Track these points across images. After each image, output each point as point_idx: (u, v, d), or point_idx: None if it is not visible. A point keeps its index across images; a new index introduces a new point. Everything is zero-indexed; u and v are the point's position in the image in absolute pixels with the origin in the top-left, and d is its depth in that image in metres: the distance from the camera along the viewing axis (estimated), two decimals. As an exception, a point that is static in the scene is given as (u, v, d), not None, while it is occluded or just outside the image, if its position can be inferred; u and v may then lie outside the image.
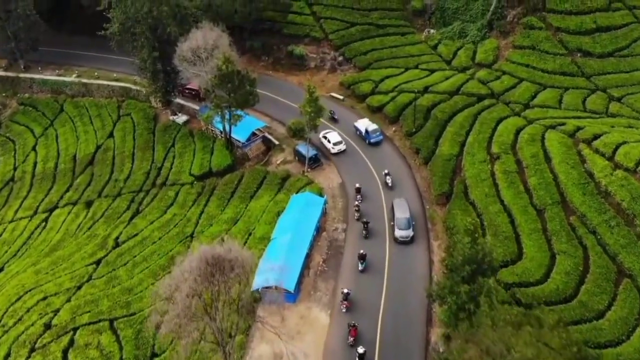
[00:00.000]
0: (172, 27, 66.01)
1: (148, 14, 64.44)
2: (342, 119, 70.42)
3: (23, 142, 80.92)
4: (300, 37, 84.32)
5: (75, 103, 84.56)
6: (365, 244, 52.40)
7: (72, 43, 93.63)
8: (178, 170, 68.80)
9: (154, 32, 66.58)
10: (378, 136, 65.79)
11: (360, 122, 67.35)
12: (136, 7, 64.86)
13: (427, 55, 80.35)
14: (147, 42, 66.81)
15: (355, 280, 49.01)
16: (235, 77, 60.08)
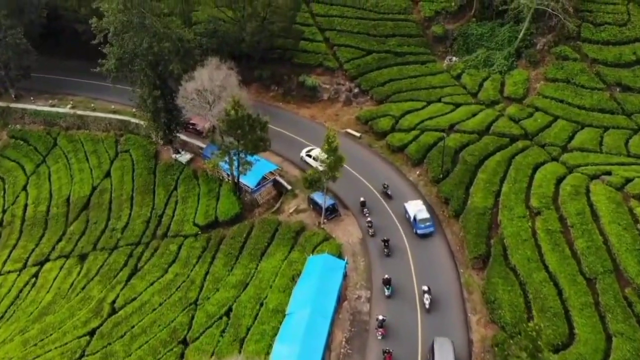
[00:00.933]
0: (175, 64, 59.86)
1: (148, 50, 58.31)
2: (360, 163, 64.02)
3: (13, 181, 74.79)
4: (312, 67, 78.16)
5: (70, 137, 78.46)
6: (389, 306, 46.79)
7: (67, 68, 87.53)
8: (181, 218, 62.68)
9: (154, 69, 60.50)
10: (428, 227, 54.04)
11: (410, 205, 55.79)
12: (135, 43, 58.75)
13: (451, 86, 74.17)
14: (147, 79, 60.74)
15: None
16: (246, 122, 53.95)
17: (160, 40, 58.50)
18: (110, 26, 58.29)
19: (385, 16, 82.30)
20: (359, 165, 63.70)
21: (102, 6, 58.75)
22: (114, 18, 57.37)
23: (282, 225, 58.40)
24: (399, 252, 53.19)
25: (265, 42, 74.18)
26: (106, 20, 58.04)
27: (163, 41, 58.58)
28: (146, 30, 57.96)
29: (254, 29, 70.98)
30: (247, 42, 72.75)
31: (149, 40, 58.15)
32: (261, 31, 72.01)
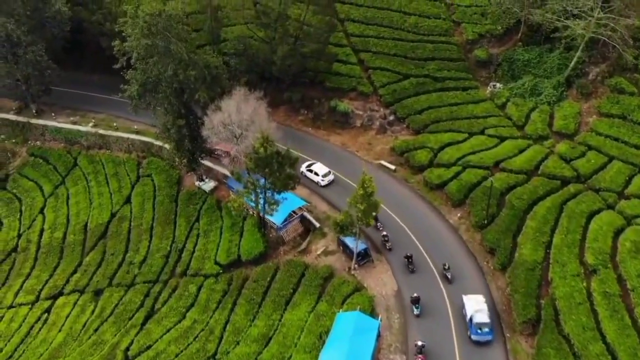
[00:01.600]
0: (201, 92, 55.93)
1: (173, 77, 54.47)
2: (394, 201, 59.21)
3: (30, 202, 71.82)
4: (345, 91, 73.56)
5: (91, 157, 75.27)
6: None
7: (90, 83, 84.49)
8: (202, 255, 58.79)
9: (179, 97, 56.68)
10: (486, 334, 44.73)
11: (469, 300, 46.74)
12: (159, 69, 54.96)
13: (494, 117, 68.89)
14: (171, 107, 57.00)
15: None
16: (275, 160, 49.71)
17: (186, 67, 54.59)
18: (133, 51, 54.57)
19: (424, 38, 77.31)
20: (393, 203, 58.96)
21: (124, 30, 55.14)
22: (137, 43, 53.66)
23: (309, 269, 54.08)
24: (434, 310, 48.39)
25: (296, 67, 69.78)
26: (129, 44, 54.39)
27: (189, 68, 54.64)
28: (171, 56, 54.13)
29: (285, 52, 66.71)
30: (278, 65, 68.50)
31: (174, 67, 54.30)
32: (293, 55, 67.71)
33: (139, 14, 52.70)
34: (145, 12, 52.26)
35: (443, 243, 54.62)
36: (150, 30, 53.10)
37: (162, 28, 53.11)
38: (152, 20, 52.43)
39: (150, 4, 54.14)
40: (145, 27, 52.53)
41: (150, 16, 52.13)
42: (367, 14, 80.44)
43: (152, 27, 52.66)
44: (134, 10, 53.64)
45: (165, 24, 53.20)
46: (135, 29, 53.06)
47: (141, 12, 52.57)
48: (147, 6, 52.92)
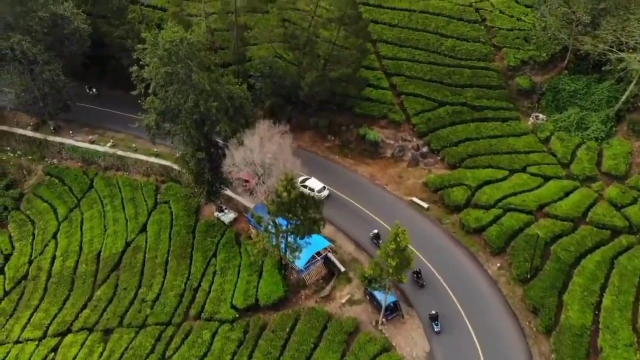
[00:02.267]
0: (223, 125, 52.10)
1: (193, 109, 50.74)
2: (426, 244, 54.67)
3: (44, 226, 68.89)
4: (375, 118, 69.26)
5: (108, 179, 72.07)
6: None
7: (111, 99, 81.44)
8: (217, 296, 55.03)
9: (199, 129, 52.95)
10: None
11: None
12: (178, 99, 51.29)
13: (537, 152, 63.90)
14: (191, 139, 53.29)
15: None
16: (299, 204, 45.62)
17: (208, 97, 50.82)
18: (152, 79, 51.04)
19: (462, 62, 72.50)
20: (425, 246, 54.60)
21: (143, 59, 51.64)
22: (156, 72, 50.07)
23: (333, 320, 49.94)
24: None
25: (324, 93, 65.62)
26: (148, 71, 50.82)
27: (210, 99, 50.88)
28: (192, 85, 50.42)
29: (314, 79, 62.68)
30: (305, 91, 64.45)
31: (195, 97, 50.57)
32: (321, 82, 63.57)
33: (159, 41, 49.05)
34: (166, 39, 48.61)
35: (480, 297, 49.96)
36: (170, 59, 49.44)
37: (184, 56, 49.40)
38: (173, 48, 48.76)
39: (171, 29, 50.44)
40: (166, 56, 48.86)
41: (171, 44, 48.44)
42: (401, 35, 75.94)
43: (173, 55, 48.97)
44: (153, 38, 49.99)
45: (187, 52, 49.50)
46: (154, 57, 49.42)
47: (161, 39, 48.95)
48: (168, 32, 49.24)
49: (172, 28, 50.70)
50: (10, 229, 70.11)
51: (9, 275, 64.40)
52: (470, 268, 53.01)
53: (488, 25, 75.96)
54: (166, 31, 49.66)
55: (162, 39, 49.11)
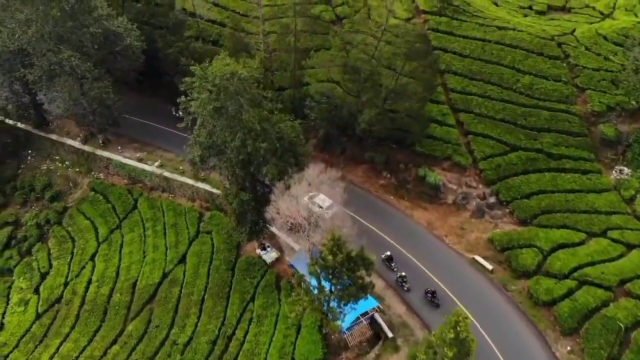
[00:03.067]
0: (270, 167, 47.68)
1: (240, 148, 46.58)
2: (487, 313, 48.61)
3: (83, 245, 66.74)
4: (437, 159, 63.52)
5: (152, 201, 69.30)
6: None
7: (164, 114, 78.67)
8: (251, 348, 50.94)
9: (245, 168, 48.77)
10: None
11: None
12: (225, 136, 47.25)
13: (620, 214, 56.61)
14: (235, 179, 49.25)
15: None
16: (344, 268, 40.64)
17: (256, 137, 46.55)
18: (199, 114, 47.25)
19: (539, 103, 65.64)
20: (485, 314, 48.52)
21: (191, 94, 47.94)
22: (202, 109, 46.19)
23: (376, 395, 44.67)
24: None
25: (383, 132, 60.32)
26: (195, 105, 47.00)
27: (259, 139, 46.59)
28: (241, 124, 46.26)
29: (372, 117, 57.44)
30: (362, 127, 59.38)
31: (243, 136, 46.40)
32: (381, 120, 58.30)
33: (208, 75, 45.08)
34: (216, 73, 44.59)
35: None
36: (219, 95, 45.41)
37: (234, 92, 45.25)
38: (223, 83, 44.69)
39: (222, 61, 46.38)
40: (215, 91, 44.86)
41: (221, 79, 44.40)
42: (472, 67, 69.62)
43: (222, 91, 44.91)
44: (202, 71, 46.13)
45: (238, 87, 45.29)
46: (202, 93, 45.51)
47: (211, 73, 44.97)
48: (219, 65, 45.21)
49: (223, 60, 46.71)
50: (50, 244, 68.50)
51: (44, 296, 62.52)
52: (535, 348, 46.70)
53: (571, 62, 68.65)
54: (217, 64, 45.69)
55: (211, 73, 45.14)
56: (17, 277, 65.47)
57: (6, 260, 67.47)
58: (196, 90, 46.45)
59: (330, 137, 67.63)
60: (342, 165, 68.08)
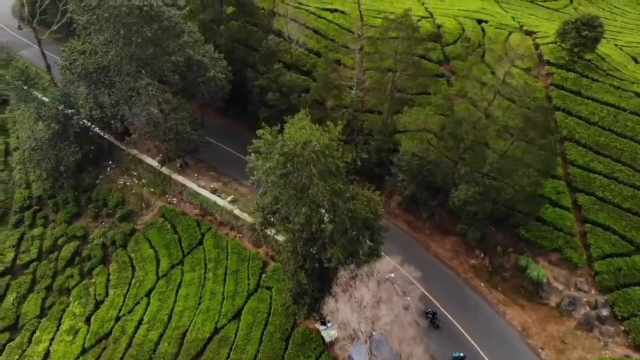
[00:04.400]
0: (336, 251, 40.62)
1: (304, 225, 39.94)
2: None
3: (142, 277, 63.46)
4: (544, 248, 53.43)
5: (218, 239, 64.77)
6: None
7: (245, 141, 73.83)
8: None
9: (307, 244, 42.18)
10: None
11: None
12: (289, 208, 40.77)
13: None
14: (294, 256, 42.87)
15: None
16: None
17: (324, 215, 39.62)
18: (264, 181, 41.18)
19: (682, 197, 53.60)
20: None
21: (252, 160, 42.00)
22: (268, 174, 40.00)
23: None
24: None
25: (481, 212, 51.30)
26: (261, 171, 40.94)
27: (327, 217, 39.62)
28: (308, 198, 39.55)
29: (469, 196, 48.58)
30: (456, 204, 50.74)
31: (308, 212, 39.72)
32: (479, 202, 49.32)
33: (278, 143, 38.74)
34: (287, 140, 38.14)
35: None
36: (286, 164, 39.00)
37: (305, 162, 38.62)
38: (294, 152, 38.22)
39: (297, 124, 39.85)
40: (282, 161, 38.48)
41: (292, 148, 37.92)
42: (599, 138, 58.53)
43: (290, 161, 38.46)
44: (272, 137, 39.89)
45: (309, 158, 38.60)
46: (268, 162, 39.26)
47: (282, 140, 38.60)
48: (292, 131, 38.69)
49: (298, 122, 40.13)
50: (111, 269, 65.93)
51: (93, 328, 59.67)
52: None
53: None
54: (291, 128, 39.20)
55: (281, 141, 38.74)
56: (72, 300, 63.35)
57: (66, 279, 65.66)
58: (263, 157, 40.31)
59: (417, 198, 59.59)
60: (427, 231, 59.98)
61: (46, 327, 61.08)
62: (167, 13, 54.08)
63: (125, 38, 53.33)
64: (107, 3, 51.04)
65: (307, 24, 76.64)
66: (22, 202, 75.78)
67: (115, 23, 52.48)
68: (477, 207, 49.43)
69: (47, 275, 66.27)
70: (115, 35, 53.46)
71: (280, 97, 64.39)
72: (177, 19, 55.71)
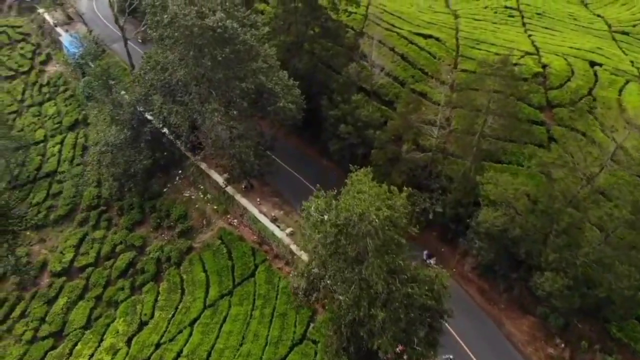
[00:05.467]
0: (385, 342, 35.07)
1: (352, 308, 34.68)
2: None
3: (189, 304, 60.93)
4: (637, 354, 44.62)
5: (271, 274, 61.15)
6: None
7: (315, 168, 70.52)
8: None
9: (352, 327, 36.82)
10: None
11: None
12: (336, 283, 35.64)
13: None
14: (338, 334, 37.50)
15: None
16: None
17: (375, 299, 34.15)
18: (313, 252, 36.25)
19: None
20: None
21: (307, 237, 37.13)
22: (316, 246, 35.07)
23: None
24: None
25: (571, 307, 43.54)
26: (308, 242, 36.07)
27: (378, 303, 34.11)
28: (359, 275, 34.25)
29: (556, 289, 41.11)
30: (539, 294, 43.34)
31: (357, 293, 34.52)
32: (568, 296, 41.63)
33: (331, 212, 33.63)
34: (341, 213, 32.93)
35: None
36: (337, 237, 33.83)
37: (360, 236, 33.28)
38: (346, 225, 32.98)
39: (359, 183, 34.58)
40: (333, 234, 33.35)
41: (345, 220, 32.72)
42: None
43: (343, 236, 33.23)
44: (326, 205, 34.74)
45: (366, 231, 33.21)
46: (318, 231, 34.27)
47: (335, 209, 33.44)
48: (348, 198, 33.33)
49: (357, 183, 34.78)
50: (161, 288, 63.94)
51: (132, 352, 57.67)
52: None
53: None
54: (345, 196, 33.94)
55: (335, 209, 33.60)
56: (119, 316, 61.86)
57: (117, 291, 64.36)
58: (310, 228, 35.37)
59: (494, 266, 52.50)
60: (503, 305, 52.74)
61: (89, 340, 59.94)
62: (242, 36, 50.22)
63: (195, 59, 50.20)
64: (178, 22, 47.95)
65: (396, 49, 70.69)
66: (90, 200, 75.83)
67: (185, 43, 49.41)
68: (563, 301, 41.79)
69: (99, 283, 65.35)
70: (185, 55, 50.44)
71: (353, 131, 59.27)
72: (252, 41, 51.79)
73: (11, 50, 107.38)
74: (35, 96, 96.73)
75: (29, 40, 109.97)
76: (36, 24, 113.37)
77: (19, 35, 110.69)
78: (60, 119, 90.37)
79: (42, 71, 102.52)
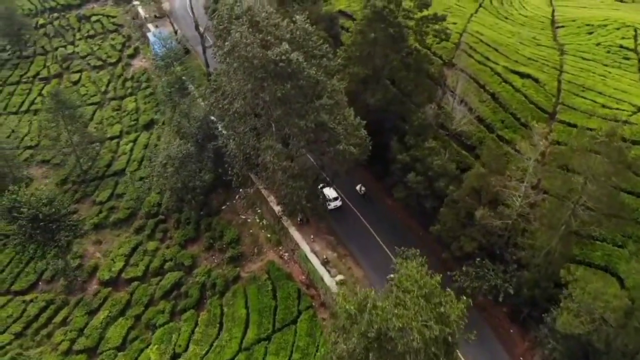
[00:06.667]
0: None
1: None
2: None
3: (225, 342, 56.96)
4: None
5: (314, 323, 56.12)
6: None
7: (378, 207, 64.45)
8: None
9: None
10: None
11: None
12: None
13: None
14: None
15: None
16: None
17: None
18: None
19: None
20: None
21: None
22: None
23: None
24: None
25: None
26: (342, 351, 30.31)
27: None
28: None
29: None
30: None
31: None
32: None
33: (363, 318, 27.68)
34: (374, 320, 26.99)
35: None
36: (372, 344, 27.89)
37: (397, 355, 27.23)
38: (378, 337, 27.00)
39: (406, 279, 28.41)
40: (362, 345, 27.50)
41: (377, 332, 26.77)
42: None
43: (374, 351, 27.29)
44: (356, 308, 28.81)
45: (407, 349, 27.10)
46: (346, 341, 28.48)
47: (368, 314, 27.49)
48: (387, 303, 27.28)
49: (405, 279, 28.59)
50: (200, 318, 60.48)
51: (160, 386, 54.90)
52: None
53: None
54: (389, 295, 27.93)
55: (367, 315, 27.68)
56: (154, 342, 59.16)
57: (157, 313, 61.70)
58: (334, 332, 29.65)
59: None
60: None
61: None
62: (308, 70, 44.93)
63: (253, 92, 45.64)
64: (239, 52, 43.47)
65: (487, 87, 62.59)
66: (150, 207, 74.31)
67: (245, 74, 44.94)
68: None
69: (142, 301, 63.12)
70: (244, 86, 46.04)
71: (422, 181, 52.52)
72: (319, 76, 46.40)
73: (102, 40, 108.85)
74: (118, 89, 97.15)
75: (121, 31, 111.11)
76: (130, 15, 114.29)
77: (112, 26, 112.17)
78: (138, 117, 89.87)
79: (128, 65, 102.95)
